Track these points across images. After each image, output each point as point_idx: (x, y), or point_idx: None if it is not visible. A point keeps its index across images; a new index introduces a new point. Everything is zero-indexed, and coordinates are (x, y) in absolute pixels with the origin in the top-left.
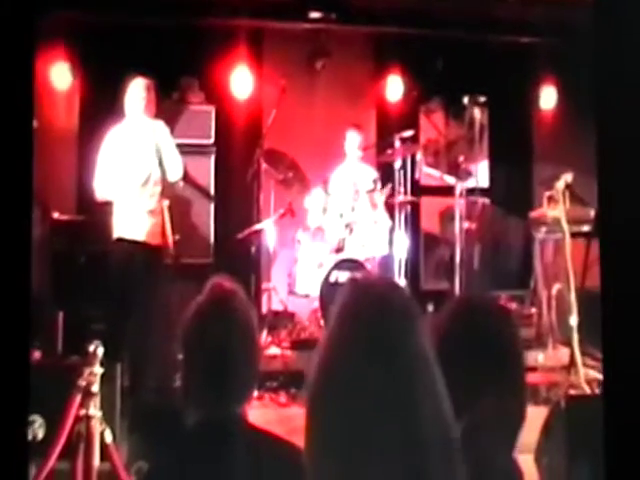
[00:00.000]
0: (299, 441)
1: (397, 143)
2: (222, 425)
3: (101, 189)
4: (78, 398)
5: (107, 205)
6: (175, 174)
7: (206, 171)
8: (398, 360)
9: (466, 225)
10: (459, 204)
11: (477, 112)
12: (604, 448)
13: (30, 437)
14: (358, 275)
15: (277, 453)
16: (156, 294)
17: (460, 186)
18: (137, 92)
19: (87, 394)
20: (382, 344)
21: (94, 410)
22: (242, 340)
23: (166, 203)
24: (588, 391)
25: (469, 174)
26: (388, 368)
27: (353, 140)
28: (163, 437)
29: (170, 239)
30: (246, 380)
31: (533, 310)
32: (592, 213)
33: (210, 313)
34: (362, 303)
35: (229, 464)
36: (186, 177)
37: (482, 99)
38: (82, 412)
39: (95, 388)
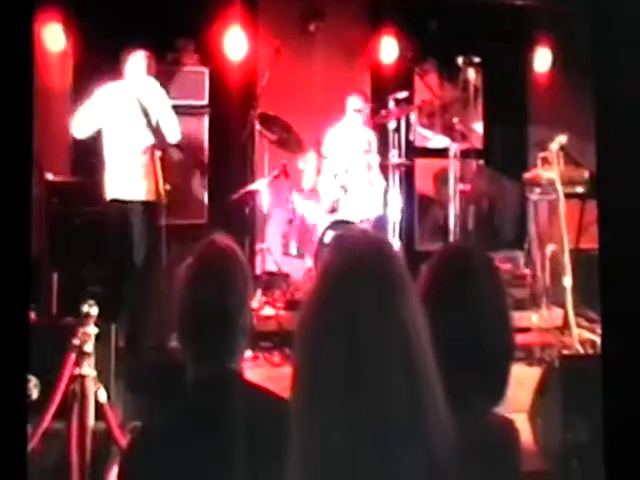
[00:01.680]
0: None
1: (391, 104)
2: (217, 380)
3: (79, 128)
4: (72, 358)
5: (102, 166)
6: (174, 136)
7: (200, 132)
8: (379, 313)
9: (460, 186)
10: (453, 165)
11: (471, 73)
12: (603, 406)
13: None
14: (345, 231)
15: (272, 408)
16: (151, 254)
17: (454, 147)
18: (137, 61)
19: (81, 354)
20: (364, 299)
21: (88, 369)
22: (236, 294)
23: (158, 154)
24: (581, 351)
25: (463, 135)
26: (369, 322)
27: (355, 104)
28: (158, 396)
29: (161, 189)
30: (239, 334)
31: (527, 271)
32: (586, 174)
33: (205, 267)
34: (345, 259)
35: (224, 419)
36: (181, 139)
37: (476, 60)
38: (76, 371)
39: (89, 348)
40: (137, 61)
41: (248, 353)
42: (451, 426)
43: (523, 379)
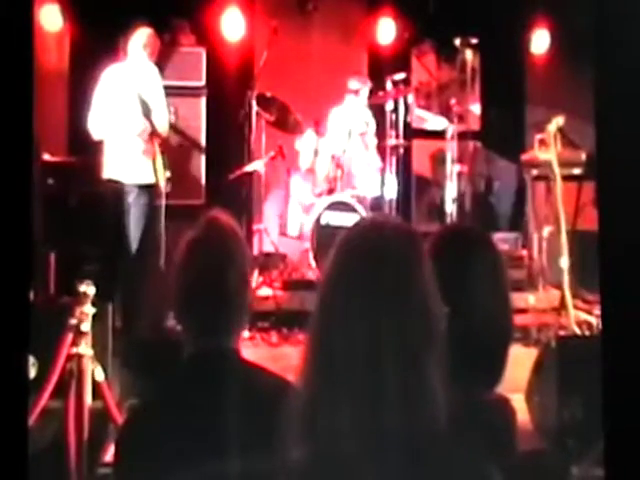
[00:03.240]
0: (290, 378)
1: (389, 85)
2: (214, 357)
3: (96, 128)
4: (70, 337)
5: (99, 146)
6: (163, 127)
7: (197, 113)
8: (400, 291)
9: (457, 168)
10: (451, 146)
11: (469, 54)
12: (602, 387)
13: None
14: (367, 217)
15: (268, 386)
16: (148, 234)
17: (452, 129)
18: (141, 40)
19: (78, 333)
20: (385, 276)
21: (85, 348)
22: (235, 271)
23: (158, 141)
24: (578, 332)
25: (461, 117)
26: (390, 298)
27: (353, 86)
28: (155, 374)
29: (162, 177)
30: (237, 311)
31: (524, 252)
32: (583, 156)
33: (204, 243)
34: (369, 237)
35: (220, 396)
36: (178, 120)
37: (474, 41)
38: (73, 350)
39: (86, 327)
40: (140, 40)
41: (245, 333)
42: (446, 403)
43: (520, 359)
